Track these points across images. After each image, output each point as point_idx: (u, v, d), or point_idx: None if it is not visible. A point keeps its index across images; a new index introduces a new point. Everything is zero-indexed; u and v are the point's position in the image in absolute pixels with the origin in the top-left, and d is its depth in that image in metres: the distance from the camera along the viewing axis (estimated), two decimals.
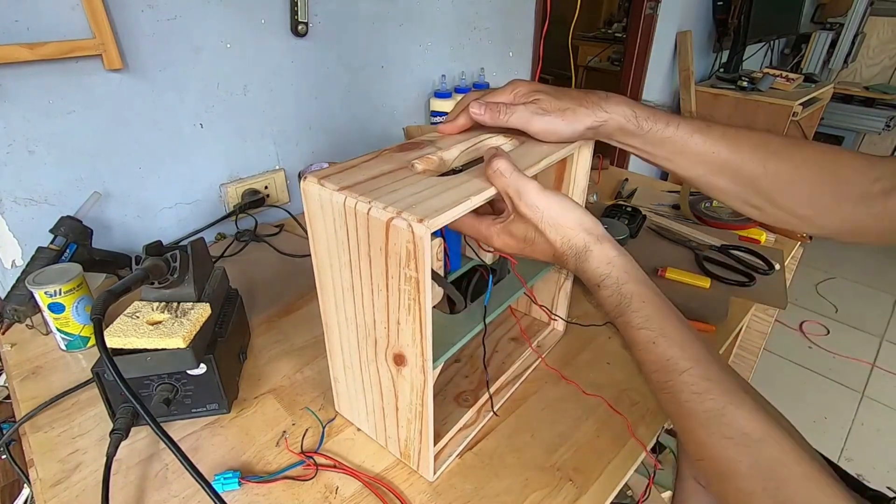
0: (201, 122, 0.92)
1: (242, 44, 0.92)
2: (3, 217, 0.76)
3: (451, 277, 0.53)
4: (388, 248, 0.38)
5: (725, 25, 2.28)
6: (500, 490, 0.51)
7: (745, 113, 2.22)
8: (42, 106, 0.74)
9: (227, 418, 0.59)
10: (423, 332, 0.40)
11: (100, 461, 0.51)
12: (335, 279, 0.46)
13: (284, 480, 0.51)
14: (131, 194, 0.88)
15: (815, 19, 2.94)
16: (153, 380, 0.55)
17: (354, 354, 0.49)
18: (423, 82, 1.29)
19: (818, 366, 1.83)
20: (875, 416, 1.65)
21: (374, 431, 0.55)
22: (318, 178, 0.42)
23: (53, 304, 0.64)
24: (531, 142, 0.51)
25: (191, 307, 0.56)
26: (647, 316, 0.41)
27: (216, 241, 1.00)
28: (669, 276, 0.82)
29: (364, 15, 1.08)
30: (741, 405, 0.37)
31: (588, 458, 0.54)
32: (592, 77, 3.33)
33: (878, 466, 1.48)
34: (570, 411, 0.60)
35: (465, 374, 0.63)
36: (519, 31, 1.49)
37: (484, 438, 0.56)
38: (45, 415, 0.59)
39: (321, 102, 1.08)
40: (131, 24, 0.78)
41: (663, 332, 0.40)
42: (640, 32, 1.97)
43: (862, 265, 2.50)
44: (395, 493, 0.50)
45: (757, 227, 0.96)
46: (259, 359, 0.68)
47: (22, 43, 0.69)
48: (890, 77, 3.25)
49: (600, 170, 1.29)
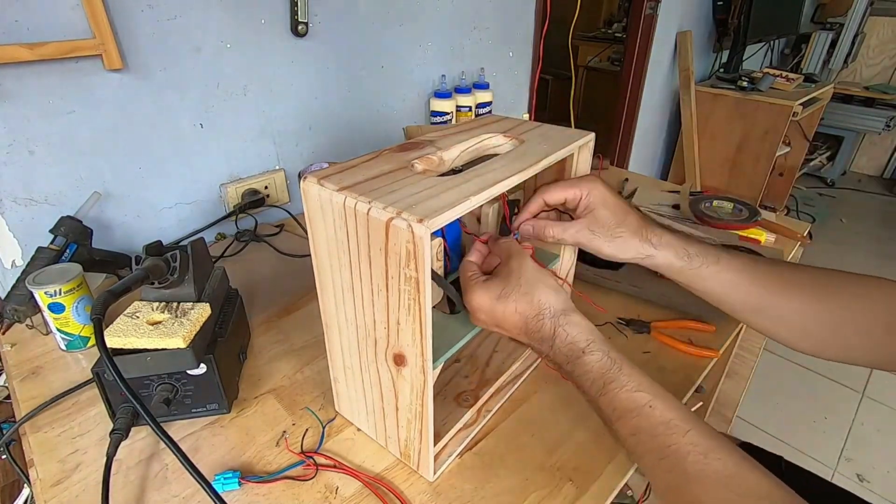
0: (201, 122, 0.92)
1: (242, 44, 0.92)
2: (3, 217, 0.76)
3: (451, 277, 0.53)
4: (388, 248, 0.38)
5: (725, 25, 2.28)
6: (500, 490, 0.51)
7: (745, 113, 2.23)
8: (42, 106, 0.74)
9: (227, 418, 0.59)
10: (423, 332, 0.40)
11: (100, 461, 0.51)
12: (335, 279, 0.46)
13: (284, 480, 0.51)
14: (131, 194, 0.88)
15: (815, 19, 2.94)
16: (153, 380, 0.55)
17: (354, 354, 0.49)
18: (423, 82, 1.29)
19: (818, 366, 1.83)
20: (875, 416, 1.64)
21: (374, 431, 0.55)
22: (318, 178, 0.42)
23: (53, 304, 0.64)
24: (531, 142, 0.51)
25: (191, 307, 0.56)
26: (640, 380, 0.40)
27: (216, 241, 1.00)
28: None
29: (364, 15, 1.08)
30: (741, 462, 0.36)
31: (588, 458, 0.54)
32: (592, 77, 3.33)
33: (878, 466, 1.47)
34: (571, 411, 0.60)
35: (465, 374, 0.63)
36: (519, 31, 1.49)
37: (484, 438, 0.56)
38: (45, 415, 0.59)
39: (321, 102, 1.08)
40: (131, 24, 0.78)
41: (656, 394, 0.39)
42: (640, 32, 1.97)
43: (862, 266, 2.50)
44: (395, 493, 0.50)
45: (757, 227, 0.96)
46: (259, 359, 0.68)
47: (22, 43, 0.69)
48: (890, 77, 3.26)
49: (600, 170, 1.29)
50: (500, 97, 1.50)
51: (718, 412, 1.25)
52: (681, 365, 0.67)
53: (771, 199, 2.69)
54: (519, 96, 1.61)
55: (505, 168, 0.45)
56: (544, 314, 0.43)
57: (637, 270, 0.84)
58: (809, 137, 2.55)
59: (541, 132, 0.55)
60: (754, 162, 2.30)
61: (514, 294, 0.44)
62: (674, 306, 0.77)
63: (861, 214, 3.00)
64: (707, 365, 0.67)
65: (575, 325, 0.42)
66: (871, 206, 3.11)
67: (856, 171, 3.55)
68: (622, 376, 0.40)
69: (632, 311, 0.77)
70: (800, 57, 3.06)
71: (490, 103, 1.36)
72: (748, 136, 2.27)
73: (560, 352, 0.43)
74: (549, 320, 0.43)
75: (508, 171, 0.44)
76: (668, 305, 0.78)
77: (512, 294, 0.44)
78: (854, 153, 3.45)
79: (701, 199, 1.06)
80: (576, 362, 0.42)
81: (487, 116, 0.61)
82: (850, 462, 1.49)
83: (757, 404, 1.63)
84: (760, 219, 0.96)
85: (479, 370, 0.64)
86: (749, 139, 2.27)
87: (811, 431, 1.59)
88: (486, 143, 0.53)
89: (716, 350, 0.68)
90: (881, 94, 2.97)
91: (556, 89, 3.15)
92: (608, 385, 0.40)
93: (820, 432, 1.59)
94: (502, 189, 0.42)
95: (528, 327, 0.44)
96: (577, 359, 0.42)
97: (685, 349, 0.69)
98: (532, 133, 0.54)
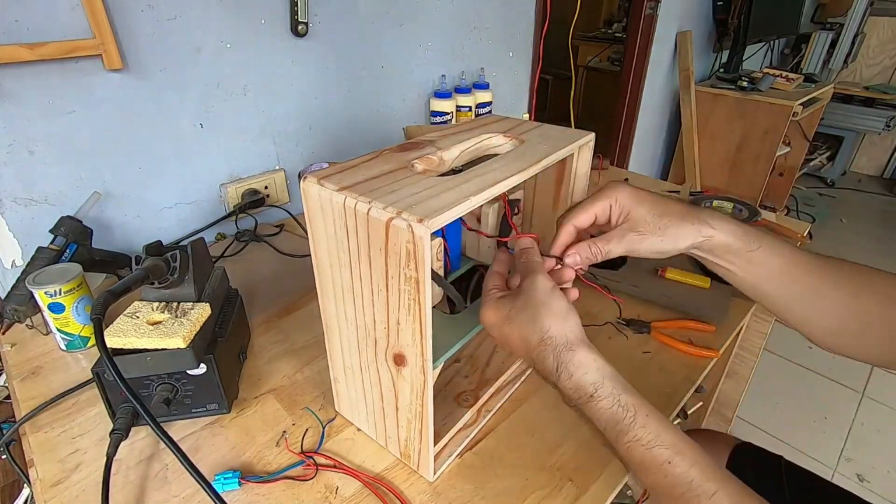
0: (201, 122, 0.92)
1: (242, 44, 0.92)
2: (3, 217, 0.76)
3: (451, 277, 0.53)
4: (387, 248, 0.38)
5: (725, 25, 2.28)
6: (500, 490, 0.51)
7: (745, 113, 2.23)
8: (42, 106, 0.74)
9: (227, 418, 0.59)
10: (423, 332, 0.40)
11: (100, 461, 0.51)
12: (335, 279, 0.46)
13: (284, 480, 0.51)
14: (131, 194, 0.88)
15: (815, 19, 2.94)
16: (153, 380, 0.55)
17: (354, 354, 0.49)
18: (423, 82, 1.29)
19: (818, 366, 1.83)
20: (875, 416, 1.64)
21: (374, 431, 0.55)
22: (318, 178, 0.42)
23: (53, 304, 0.64)
24: (531, 142, 0.51)
25: (191, 307, 0.56)
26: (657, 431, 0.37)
27: (216, 241, 1.00)
28: (669, 276, 0.82)
29: (364, 15, 1.08)
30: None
31: (588, 458, 0.54)
32: (592, 77, 3.33)
33: (878, 466, 1.47)
34: (571, 411, 0.60)
35: (465, 374, 0.63)
36: (519, 31, 1.49)
37: (484, 438, 0.56)
38: (45, 415, 0.59)
39: (321, 102, 1.08)
40: (131, 24, 0.78)
41: (676, 448, 0.36)
42: (640, 32, 1.97)
43: None
44: (395, 493, 0.50)
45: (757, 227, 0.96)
46: (259, 359, 0.68)
47: (22, 43, 0.69)
48: (890, 77, 3.26)
49: (600, 170, 1.29)
50: (500, 97, 1.50)
51: (718, 412, 1.25)
52: (681, 365, 0.67)
53: (771, 199, 2.69)
54: (519, 96, 1.61)
55: (505, 168, 0.45)
56: (547, 345, 0.40)
57: (637, 270, 0.84)
58: (809, 137, 2.55)
59: (541, 132, 0.55)
60: (754, 162, 2.30)
61: (518, 317, 0.41)
62: (674, 306, 0.77)
63: (861, 214, 3.00)
64: (707, 365, 0.67)
65: (579, 367, 0.39)
66: (871, 206, 3.11)
67: (856, 171, 3.55)
68: (636, 428, 0.37)
69: (632, 311, 0.77)
70: (800, 57, 3.06)
71: (490, 103, 1.36)
72: (748, 136, 2.27)
73: (567, 389, 0.40)
74: (552, 354, 0.40)
75: (508, 171, 0.44)
76: (668, 305, 0.78)
77: (517, 318, 0.41)
78: (854, 153, 3.45)
79: (701, 200, 1.06)
80: (585, 405, 0.40)
81: (487, 116, 0.61)
82: (850, 462, 1.49)
83: (757, 404, 1.63)
84: (760, 219, 0.96)
85: (479, 370, 0.64)
86: (749, 139, 2.27)
87: (811, 431, 1.59)
88: (486, 143, 0.53)
89: (716, 350, 0.68)
90: (881, 94, 2.97)
91: (556, 89, 3.14)
92: (621, 436, 0.38)
93: (820, 432, 1.59)
94: (502, 189, 0.42)
95: (532, 356, 0.42)
96: (585, 403, 0.39)
97: (685, 349, 0.69)
98: (532, 133, 0.54)
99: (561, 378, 0.40)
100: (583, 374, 0.39)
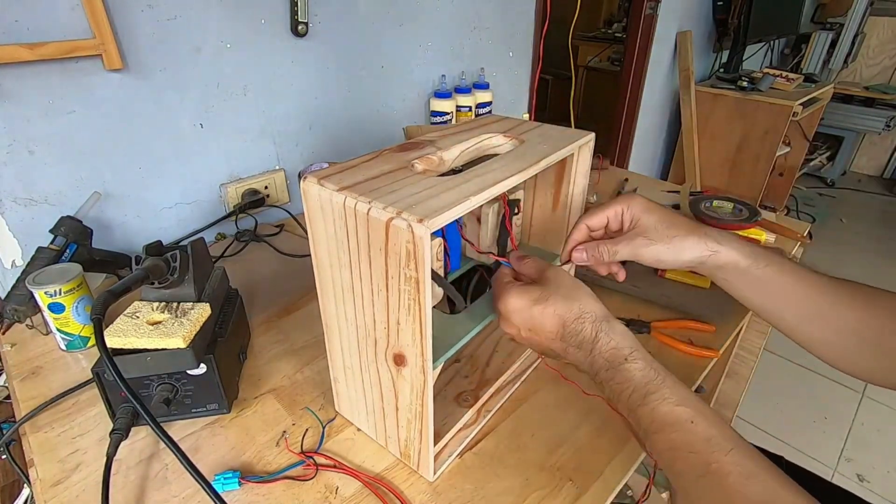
0: (201, 122, 0.92)
1: (242, 44, 0.92)
2: (3, 217, 0.76)
3: (451, 277, 0.53)
4: (387, 248, 0.38)
5: (725, 25, 2.29)
6: (500, 490, 0.51)
7: (745, 113, 2.23)
8: (42, 106, 0.74)
9: (227, 418, 0.59)
10: (423, 332, 0.40)
11: (100, 461, 0.51)
12: (335, 279, 0.46)
13: (284, 480, 0.51)
14: (131, 194, 0.88)
15: (815, 19, 2.94)
16: (153, 380, 0.55)
17: (354, 354, 0.49)
18: (423, 82, 1.29)
19: (818, 366, 1.83)
20: (875, 416, 1.64)
21: (374, 431, 0.55)
22: (318, 178, 0.42)
23: (53, 304, 0.64)
24: (531, 142, 0.51)
25: (191, 307, 0.56)
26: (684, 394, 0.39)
27: (216, 241, 1.00)
28: (669, 276, 0.82)
29: (364, 15, 1.08)
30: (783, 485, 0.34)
31: (588, 458, 0.54)
32: (592, 77, 3.33)
33: (878, 466, 1.47)
34: (571, 411, 0.60)
35: (465, 374, 0.63)
36: (519, 31, 1.49)
37: (484, 438, 0.56)
38: (45, 415, 0.59)
39: (321, 102, 1.08)
40: (131, 24, 0.78)
41: (699, 410, 0.38)
42: (640, 32, 1.97)
43: (862, 266, 2.50)
44: (395, 493, 0.50)
45: (757, 227, 0.96)
46: (259, 359, 0.68)
47: (22, 43, 0.69)
48: (890, 77, 3.26)
49: (600, 170, 1.29)
50: (500, 97, 1.50)
51: (718, 412, 1.25)
52: (681, 365, 0.67)
53: (771, 199, 2.69)
54: (519, 96, 1.61)
55: (505, 168, 0.45)
56: (585, 318, 0.42)
57: (637, 270, 0.84)
58: (809, 137, 2.55)
59: (541, 132, 0.55)
60: (754, 162, 2.30)
61: (553, 297, 0.43)
62: (674, 306, 0.77)
63: (861, 214, 3.00)
64: (707, 365, 0.67)
65: (618, 333, 0.42)
66: (871, 206, 3.11)
67: (856, 171, 3.55)
68: (665, 389, 0.39)
69: (632, 311, 0.77)
70: (800, 57, 3.06)
71: (490, 103, 1.36)
72: (748, 137, 2.27)
73: (601, 356, 0.42)
74: (591, 324, 0.42)
75: (508, 171, 0.44)
76: (668, 305, 0.78)
77: (552, 297, 0.43)
78: (854, 153, 3.45)
79: (701, 200, 1.06)
80: (617, 369, 0.41)
81: (487, 116, 0.61)
82: (850, 462, 1.49)
83: (757, 404, 1.63)
84: (760, 219, 0.96)
85: (479, 370, 0.64)
86: (749, 139, 2.27)
87: (811, 431, 1.59)
88: (486, 143, 0.53)
89: (716, 350, 0.68)
90: (881, 94, 2.97)
91: (556, 89, 3.14)
92: (649, 396, 0.39)
93: (820, 432, 1.59)
94: (502, 189, 0.42)
95: (566, 330, 0.43)
96: (620, 365, 0.41)
97: (685, 349, 0.69)
98: (532, 133, 0.54)
99: (598, 344, 0.42)
100: (621, 339, 0.42)
